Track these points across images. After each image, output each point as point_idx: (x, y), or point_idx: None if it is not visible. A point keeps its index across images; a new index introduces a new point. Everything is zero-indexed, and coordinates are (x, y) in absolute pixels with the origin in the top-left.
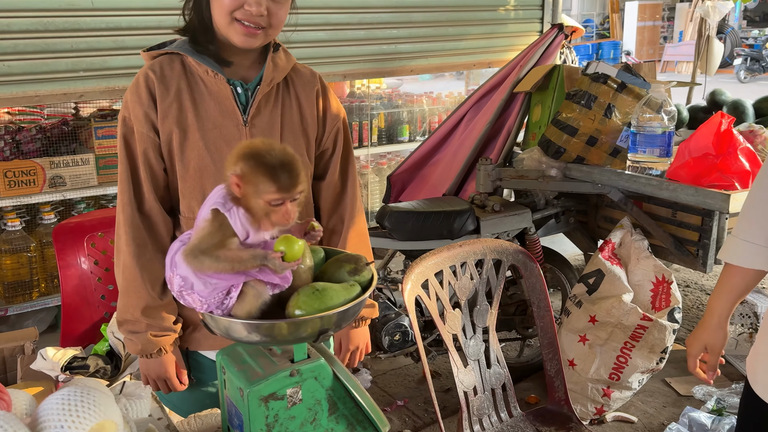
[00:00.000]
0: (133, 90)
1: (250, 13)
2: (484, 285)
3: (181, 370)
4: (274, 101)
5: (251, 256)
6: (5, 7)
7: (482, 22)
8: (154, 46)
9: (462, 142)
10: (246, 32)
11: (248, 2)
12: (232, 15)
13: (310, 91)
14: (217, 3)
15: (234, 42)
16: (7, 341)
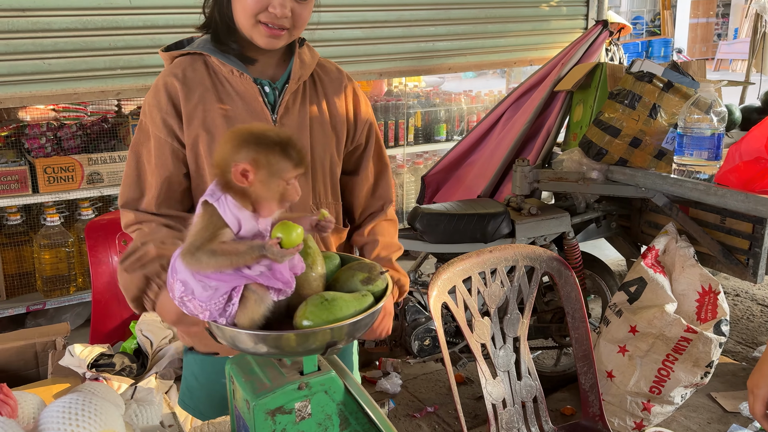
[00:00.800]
0: (152, 94)
1: (275, 16)
2: (515, 293)
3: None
4: (302, 99)
5: (248, 248)
6: (46, 6)
7: (524, 19)
8: (172, 44)
9: (499, 142)
10: (270, 34)
11: (272, 4)
12: (256, 17)
13: (338, 88)
14: (240, 4)
15: (257, 43)
16: (40, 336)
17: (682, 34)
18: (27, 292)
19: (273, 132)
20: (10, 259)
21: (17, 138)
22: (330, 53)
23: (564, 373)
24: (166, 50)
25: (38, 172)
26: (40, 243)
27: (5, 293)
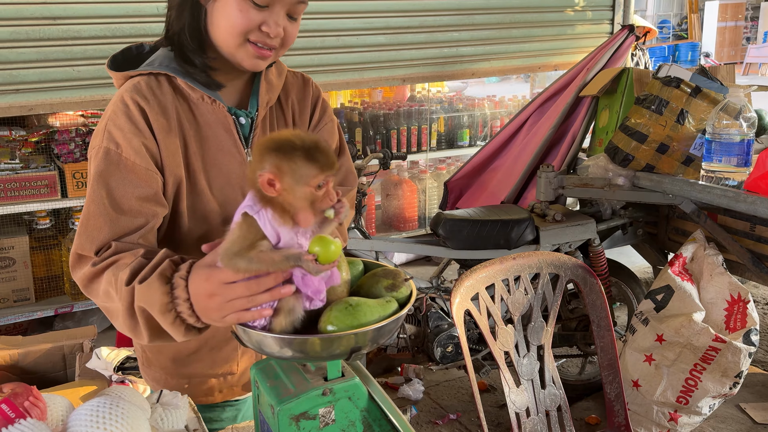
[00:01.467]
0: (122, 117)
1: (267, 35)
2: (539, 301)
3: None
4: (270, 123)
5: (284, 257)
6: (76, 14)
7: (548, 24)
8: (118, 54)
9: (523, 147)
10: (258, 54)
11: (267, 23)
12: (245, 36)
13: (306, 103)
14: (225, 21)
15: (242, 65)
16: (68, 338)
17: (710, 37)
18: (55, 295)
19: (296, 137)
20: (39, 262)
21: (47, 143)
22: (353, 59)
23: (589, 382)
24: (117, 67)
25: (67, 177)
26: (69, 247)
27: (35, 296)
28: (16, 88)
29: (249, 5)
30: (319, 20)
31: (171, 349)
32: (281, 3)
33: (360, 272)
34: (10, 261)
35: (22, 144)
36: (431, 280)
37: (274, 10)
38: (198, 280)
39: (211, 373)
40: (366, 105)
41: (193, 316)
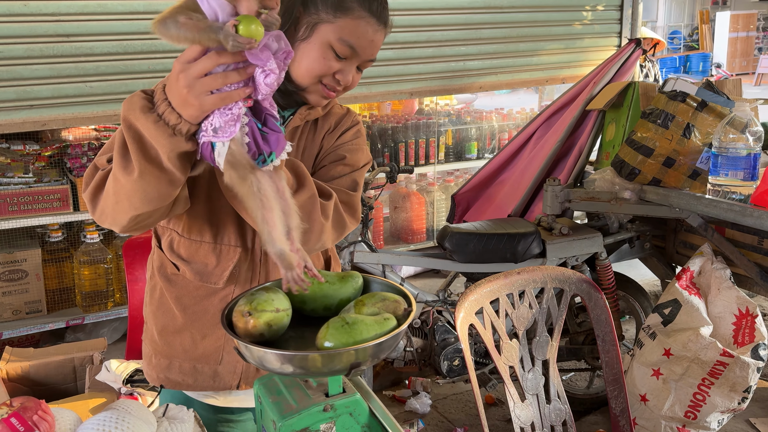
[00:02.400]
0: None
1: (338, 82)
2: (544, 315)
3: None
4: (300, 136)
5: (208, 26)
6: (89, 31)
7: (556, 38)
8: None
9: (530, 160)
10: (325, 95)
11: (342, 72)
12: (319, 79)
13: (338, 130)
14: (307, 61)
15: (308, 100)
16: (79, 351)
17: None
18: (67, 307)
19: None
20: (51, 274)
21: (60, 157)
22: None
23: (597, 396)
24: None
25: (79, 190)
26: (80, 259)
27: (47, 308)
28: (30, 103)
29: (332, 55)
30: None
31: (160, 321)
32: (357, 58)
33: (359, 286)
34: (23, 273)
35: (36, 158)
36: (438, 293)
37: (350, 62)
38: (169, 76)
39: (193, 358)
40: (374, 118)
41: (173, 113)
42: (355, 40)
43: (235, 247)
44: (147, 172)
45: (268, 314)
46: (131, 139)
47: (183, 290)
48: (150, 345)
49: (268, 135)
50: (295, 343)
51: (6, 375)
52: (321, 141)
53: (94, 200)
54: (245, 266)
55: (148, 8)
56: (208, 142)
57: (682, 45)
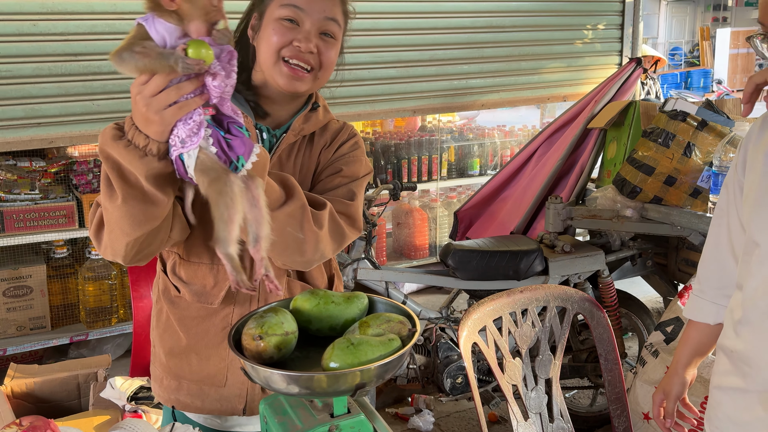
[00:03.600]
0: None
1: (299, 50)
2: (547, 334)
3: None
4: (296, 154)
5: (159, 53)
6: (97, 50)
7: (557, 56)
8: None
9: (532, 178)
10: (292, 74)
11: (297, 38)
12: (279, 53)
13: (335, 145)
14: (266, 40)
15: (278, 84)
16: (83, 367)
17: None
18: (71, 323)
19: None
20: (56, 291)
21: (66, 174)
22: (365, 92)
23: (600, 414)
24: None
25: (85, 207)
26: (85, 276)
27: (51, 324)
28: (38, 121)
29: (281, 23)
30: None
31: (167, 344)
32: (311, 20)
33: (364, 306)
34: (28, 289)
35: (42, 175)
36: (441, 310)
37: (305, 27)
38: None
39: (199, 380)
40: (378, 135)
41: (141, 135)
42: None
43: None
44: (129, 197)
45: (277, 338)
46: (110, 168)
47: (185, 312)
48: (159, 367)
49: (232, 141)
50: (300, 363)
51: (11, 392)
52: (318, 156)
53: (98, 236)
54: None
55: None
56: (178, 157)
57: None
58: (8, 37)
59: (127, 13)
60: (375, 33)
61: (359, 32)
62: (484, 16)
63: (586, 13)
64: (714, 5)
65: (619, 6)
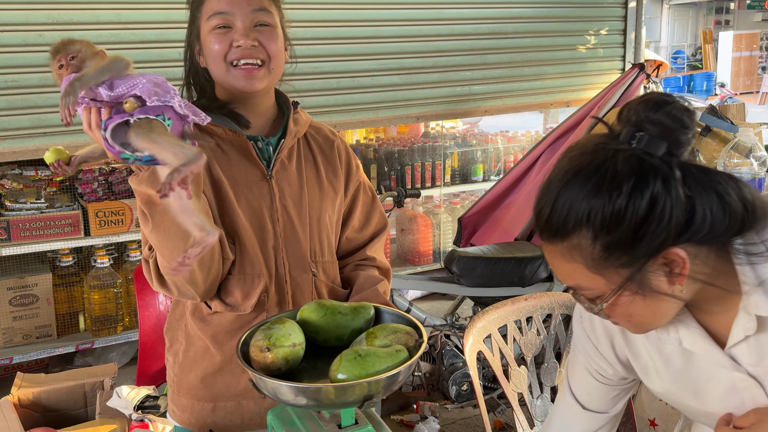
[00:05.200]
0: None
1: (242, 49)
2: (552, 341)
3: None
4: (297, 156)
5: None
6: None
7: (561, 62)
8: None
9: (536, 184)
10: (246, 74)
11: (234, 39)
12: (225, 60)
13: (331, 147)
14: (209, 54)
15: (237, 89)
16: (89, 376)
17: (725, 67)
18: (76, 331)
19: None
20: (61, 299)
21: (71, 183)
22: (368, 99)
23: None
24: None
25: (90, 215)
26: (90, 284)
27: (56, 332)
28: (44, 131)
29: (215, 33)
30: (335, 62)
31: (200, 369)
32: (240, 17)
33: (370, 316)
34: (34, 298)
35: (47, 183)
36: (446, 317)
37: (237, 26)
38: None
39: (237, 395)
40: (381, 141)
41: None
42: (217, 6)
43: (260, 275)
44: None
45: (285, 349)
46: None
47: (218, 328)
48: (190, 396)
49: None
50: (308, 374)
51: (18, 401)
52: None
53: (163, 285)
54: (273, 291)
55: (160, 37)
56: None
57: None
58: (15, 48)
59: (132, 23)
60: (378, 41)
61: (362, 40)
62: (486, 23)
63: (589, 19)
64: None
65: (621, 11)
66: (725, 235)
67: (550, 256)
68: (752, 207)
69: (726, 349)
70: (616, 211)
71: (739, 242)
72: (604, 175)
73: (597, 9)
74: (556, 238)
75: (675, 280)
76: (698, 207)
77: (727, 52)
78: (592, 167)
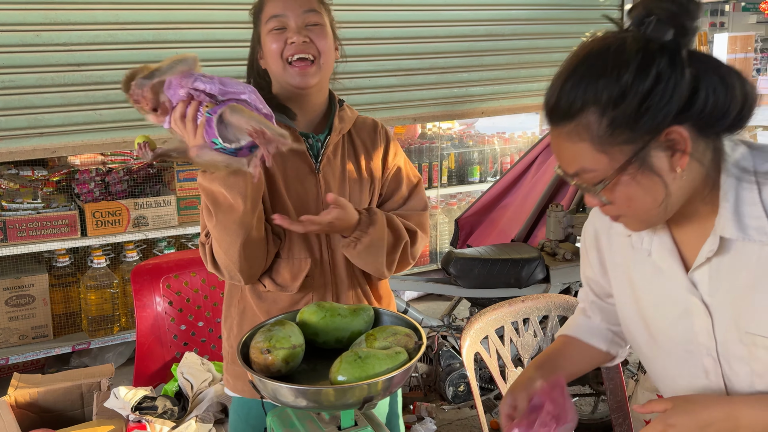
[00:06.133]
0: None
1: (296, 45)
2: (548, 342)
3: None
4: (341, 152)
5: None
6: (99, 60)
7: (556, 64)
8: None
9: (533, 186)
10: (300, 71)
11: (289, 36)
12: (283, 58)
13: (374, 140)
14: (268, 53)
15: (293, 84)
16: (86, 377)
17: None
18: (73, 332)
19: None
20: (58, 299)
21: (68, 183)
22: (366, 100)
23: (602, 421)
24: None
25: (87, 216)
26: (87, 284)
27: (53, 333)
28: (41, 131)
29: (272, 34)
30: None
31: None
32: (294, 18)
33: (370, 318)
34: (30, 298)
35: (44, 184)
36: (442, 318)
37: (291, 26)
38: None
39: None
40: None
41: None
42: (274, 9)
43: (306, 259)
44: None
45: (285, 351)
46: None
47: (272, 304)
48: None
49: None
50: (307, 375)
51: (15, 402)
52: (362, 155)
53: (216, 268)
54: (317, 273)
55: (157, 38)
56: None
57: None
58: (11, 48)
59: (129, 24)
60: (376, 42)
61: (361, 41)
62: (483, 25)
63: (585, 21)
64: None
65: (617, 13)
66: (725, 119)
67: (557, 141)
68: (751, 101)
69: (689, 272)
70: (622, 85)
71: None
72: (612, 56)
73: (593, 11)
74: (564, 119)
75: (676, 162)
76: (702, 87)
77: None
78: (600, 50)
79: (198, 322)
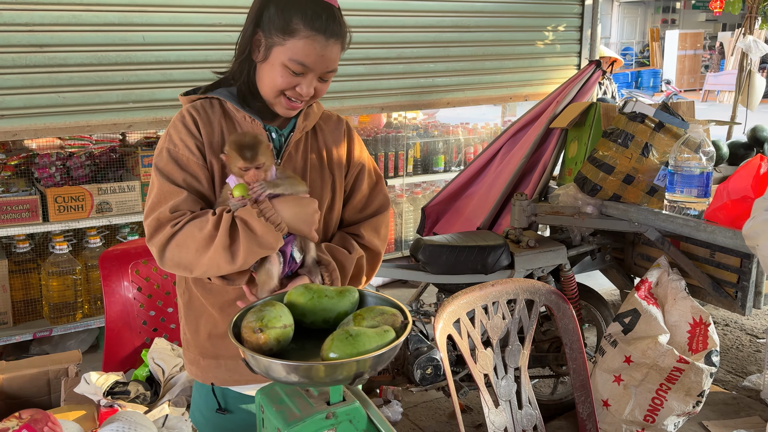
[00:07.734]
0: (179, 125)
1: (299, 94)
2: (516, 325)
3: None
4: (303, 147)
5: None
6: (63, 42)
7: (519, 56)
8: (190, 91)
9: (497, 175)
10: (289, 106)
11: (300, 86)
12: (281, 93)
13: (338, 136)
14: (268, 78)
15: (276, 111)
16: (53, 363)
17: (671, 65)
18: (33, 319)
19: (245, 136)
20: (17, 286)
21: (27, 167)
22: (334, 88)
23: (560, 402)
24: (185, 95)
25: (49, 201)
26: (48, 270)
27: (12, 320)
28: (1, 113)
29: (288, 73)
30: None
31: (205, 330)
32: (314, 72)
33: (355, 300)
34: None
35: (2, 167)
36: (410, 303)
37: (308, 77)
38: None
39: (236, 355)
40: None
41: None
42: (305, 58)
43: None
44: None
45: (277, 330)
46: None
47: (219, 297)
48: (197, 350)
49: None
50: (297, 354)
51: None
52: (324, 150)
53: (166, 250)
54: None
55: (123, 20)
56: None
57: (633, 61)
58: None
59: (94, 5)
60: None
61: None
62: (449, 16)
63: (548, 15)
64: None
65: (578, 8)
66: None
67: None
68: None
69: None
70: None
71: None
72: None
73: (555, 5)
74: None
75: None
76: None
77: (673, 50)
78: None
79: (167, 308)
